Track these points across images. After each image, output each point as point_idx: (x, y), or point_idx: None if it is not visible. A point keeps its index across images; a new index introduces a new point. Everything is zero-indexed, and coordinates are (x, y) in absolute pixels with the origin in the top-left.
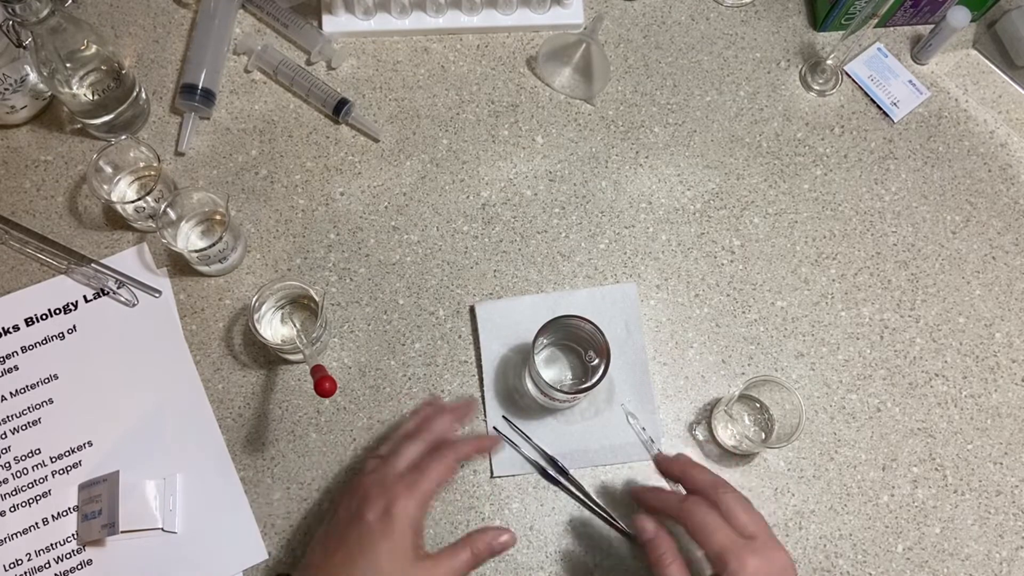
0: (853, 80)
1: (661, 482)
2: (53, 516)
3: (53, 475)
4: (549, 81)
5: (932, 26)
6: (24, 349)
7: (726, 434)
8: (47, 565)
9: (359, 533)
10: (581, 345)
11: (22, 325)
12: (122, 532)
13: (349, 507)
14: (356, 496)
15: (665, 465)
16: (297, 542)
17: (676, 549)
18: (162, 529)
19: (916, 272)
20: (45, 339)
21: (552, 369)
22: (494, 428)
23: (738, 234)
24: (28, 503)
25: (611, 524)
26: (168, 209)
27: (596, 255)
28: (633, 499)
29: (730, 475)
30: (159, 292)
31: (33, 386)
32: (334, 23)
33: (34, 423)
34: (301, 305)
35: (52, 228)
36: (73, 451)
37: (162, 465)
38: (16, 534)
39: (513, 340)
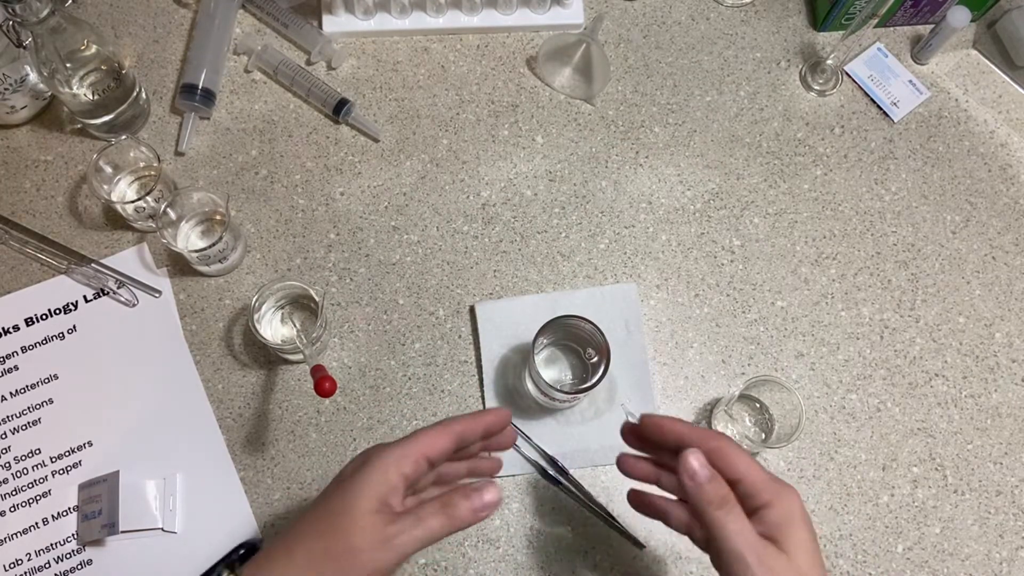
0: (853, 80)
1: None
2: (53, 516)
3: (53, 475)
4: (549, 81)
5: (932, 26)
6: (24, 349)
7: (726, 434)
8: (47, 565)
9: (332, 484)
10: (581, 345)
11: (22, 325)
12: (122, 532)
13: None
14: None
15: (659, 425)
16: None
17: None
18: (162, 529)
19: (916, 272)
20: (45, 339)
21: (552, 369)
22: None
23: (738, 234)
24: (28, 503)
25: (611, 524)
26: (168, 209)
27: (596, 255)
28: (651, 429)
29: None
30: (159, 292)
31: (33, 386)
32: (334, 23)
33: (34, 423)
34: (301, 305)
35: (52, 228)
36: (73, 451)
37: (162, 465)
38: (16, 534)
39: (513, 340)
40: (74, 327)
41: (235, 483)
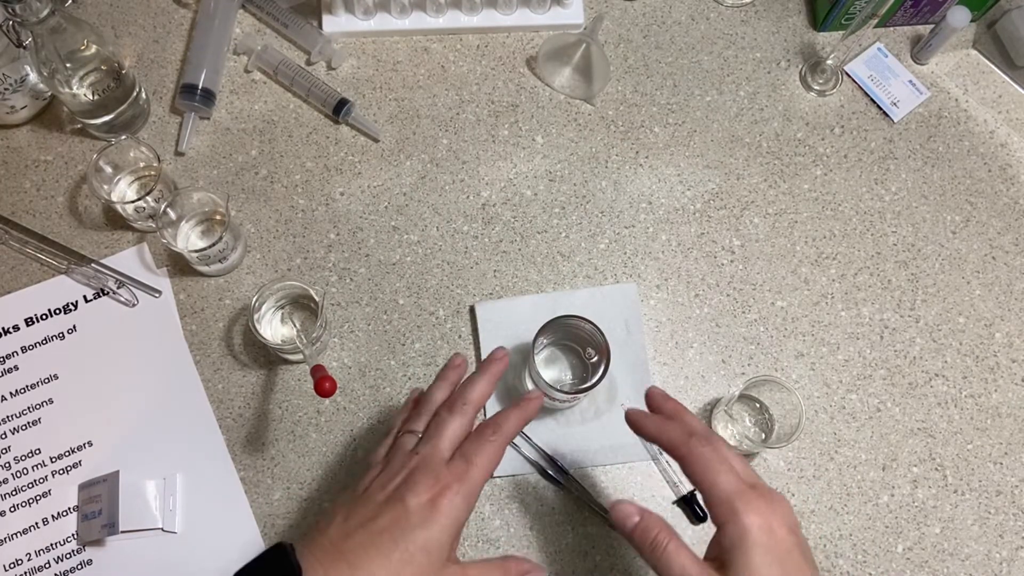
0: (853, 80)
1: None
2: (53, 516)
3: (53, 475)
4: (549, 81)
5: (932, 26)
6: (24, 349)
7: (726, 434)
8: (47, 565)
9: (394, 517)
10: (581, 345)
11: (22, 325)
12: (122, 532)
13: (385, 484)
14: (395, 474)
15: (653, 407)
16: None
17: (668, 525)
18: (162, 529)
19: (916, 272)
20: (45, 339)
21: (552, 369)
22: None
23: (738, 234)
24: (28, 503)
25: (611, 524)
26: (168, 209)
27: (596, 255)
28: (629, 423)
29: None
30: (159, 292)
31: (33, 386)
32: (334, 23)
33: (34, 423)
34: (301, 305)
35: (52, 228)
36: (73, 451)
37: (162, 465)
38: (16, 534)
39: (513, 340)
40: (74, 327)
41: (235, 483)
